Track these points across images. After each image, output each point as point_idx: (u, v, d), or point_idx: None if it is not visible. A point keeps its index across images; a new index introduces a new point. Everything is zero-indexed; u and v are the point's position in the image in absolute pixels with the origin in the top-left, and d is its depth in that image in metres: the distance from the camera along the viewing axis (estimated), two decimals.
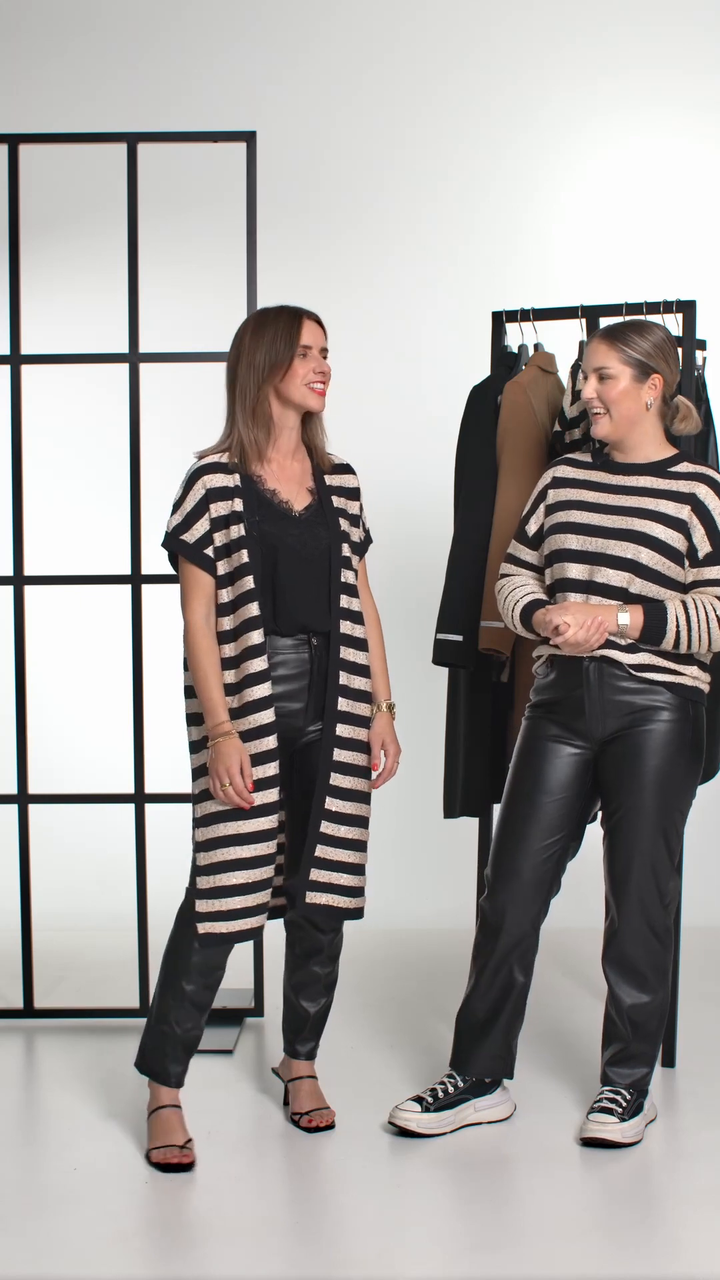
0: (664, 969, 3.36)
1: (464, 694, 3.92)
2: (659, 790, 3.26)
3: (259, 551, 3.14)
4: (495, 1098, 3.42)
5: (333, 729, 3.21)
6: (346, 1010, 4.15)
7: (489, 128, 5.26)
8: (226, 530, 3.15)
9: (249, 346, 3.17)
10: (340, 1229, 2.96)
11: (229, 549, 3.15)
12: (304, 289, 5.08)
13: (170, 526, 3.18)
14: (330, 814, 3.21)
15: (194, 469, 3.19)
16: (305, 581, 3.19)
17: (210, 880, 3.14)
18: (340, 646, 3.22)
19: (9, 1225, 2.95)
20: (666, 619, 3.18)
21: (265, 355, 3.15)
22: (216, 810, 3.15)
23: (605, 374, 3.25)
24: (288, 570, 3.16)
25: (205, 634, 3.14)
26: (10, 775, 4.52)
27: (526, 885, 3.32)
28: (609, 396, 3.25)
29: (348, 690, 3.23)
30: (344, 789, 3.23)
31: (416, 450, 5.09)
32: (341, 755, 3.22)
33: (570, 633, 3.17)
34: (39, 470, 4.83)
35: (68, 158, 4.55)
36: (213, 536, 3.15)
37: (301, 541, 3.19)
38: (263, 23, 5.24)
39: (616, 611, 3.19)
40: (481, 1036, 3.39)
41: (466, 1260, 2.85)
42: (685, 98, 5.23)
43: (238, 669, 3.13)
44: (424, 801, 4.71)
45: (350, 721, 3.24)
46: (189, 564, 3.16)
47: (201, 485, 3.15)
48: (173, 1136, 3.22)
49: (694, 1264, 2.83)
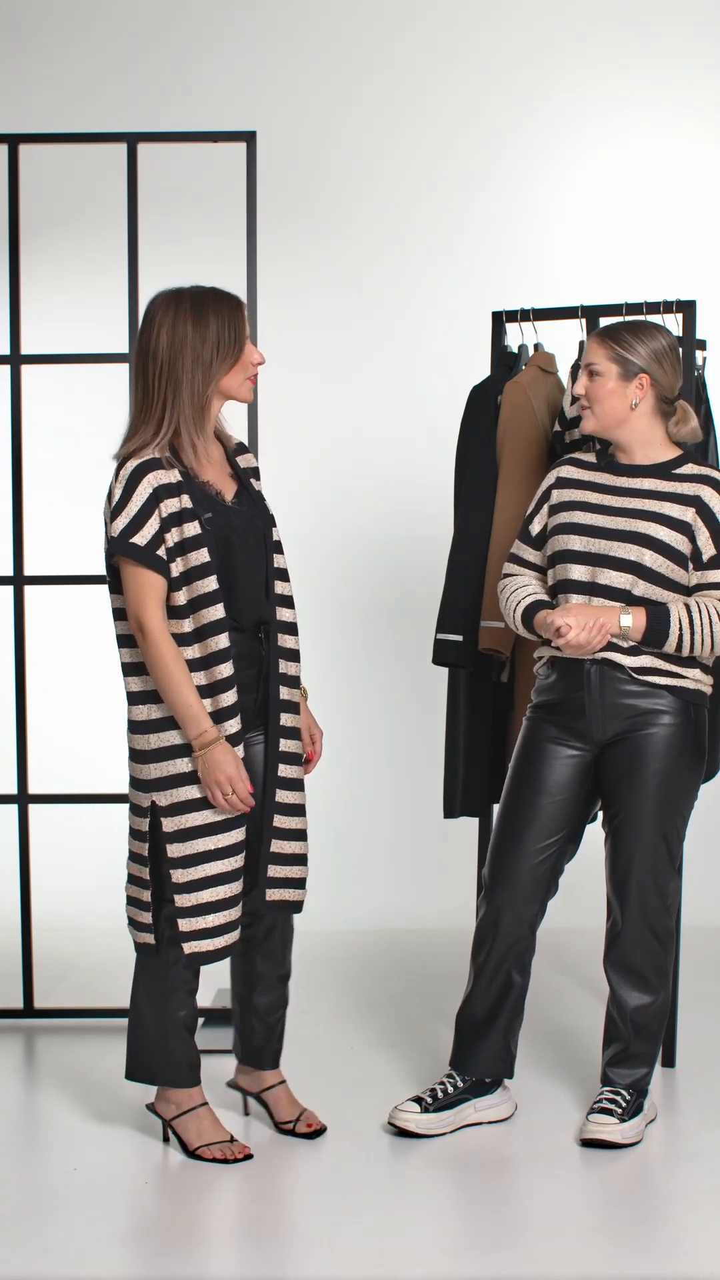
0: (665, 970, 3.36)
1: (464, 694, 3.92)
2: (660, 793, 3.25)
3: (215, 549, 3.01)
4: (496, 1098, 3.42)
5: (277, 719, 3.11)
6: (345, 1010, 4.15)
7: (489, 128, 5.26)
8: (180, 528, 2.99)
9: (193, 338, 2.97)
10: (340, 1229, 2.96)
11: (183, 548, 2.99)
12: (304, 289, 5.11)
13: (116, 530, 2.97)
14: (280, 806, 3.13)
15: (133, 467, 2.98)
16: (249, 572, 3.08)
17: (191, 898, 3.03)
18: (279, 634, 3.13)
19: (9, 1225, 2.95)
20: (669, 622, 3.18)
21: (213, 349, 2.99)
22: (197, 824, 3.03)
23: (594, 370, 3.27)
24: (241, 563, 3.06)
25: (168, 639, 2.97)
26: (10, 775, 4.52)
27: (524, 886, 3.32)
28: (594, 393, 3.27)
29: (285, 678, 3.14)
30: (288, 779, 3.15)
31: (416, 450, 5.09)
32: (286, 745, 3.14)
33: (572, 635, 3.16)
34: (39, 470, 4.83)
35: (68, 158, 4.54)
36: (164, 536, 2.98)
37: (245, 531, 3.08)
38: (263, 23, 5.24)
39: (619, 614, 3.19)
40: (481, 1036, 3.39)
41: (466, 1260, 2.85)
42: (685, 98, 5.23)
43: (206, 672, 3.01)
44: (424, 801, 4.71)
45: (289, 709, 3.15)
46: (140, 567, 2.96)
47: (147, 484, 2.96)
48: (216, 1132, 3.21)
49: (694, 1264, 2.83)
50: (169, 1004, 3.17)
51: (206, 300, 3.04)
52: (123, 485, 2.99)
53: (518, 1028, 3.42)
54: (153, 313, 3.04)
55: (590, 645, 3.18)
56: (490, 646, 3.72)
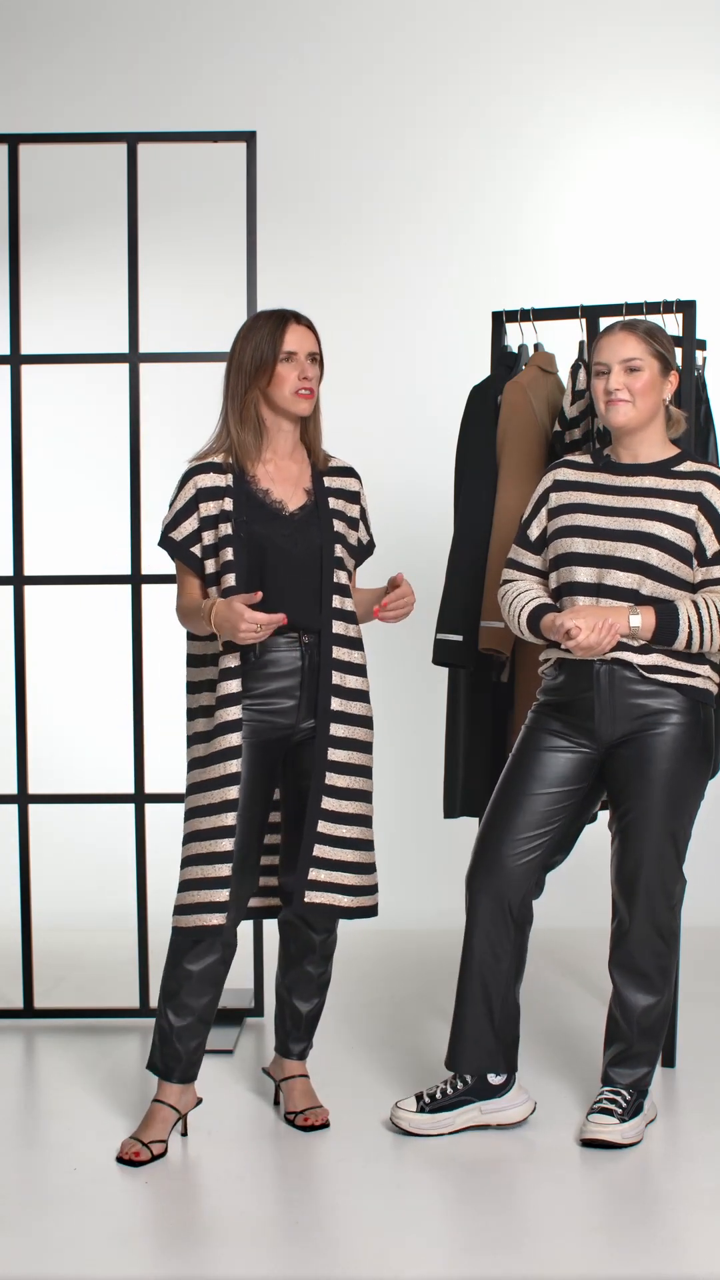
0: (668, 971, 3.35)
1: (464, 694, 3.92)
2: (669, 794, 3.25)
3: (244, 550, 3.15)
4: (505, 1100, 3.37)
5: (326, 729, 3.20)
6: (346, 1010, 4.16)
7: (489, 127, 5.26)
8: (215, 529, 3.18)
9: (239, 349, 3.20)
10: (340, 1229, 2.96)
11: (216, 547, 3.18)
12: (304, 289, 5.09)
13: (163, 524, 3.24)
14: (327, 813, 3.20)
15: (186, 470, 3.23)
16: (296, 581, 3.18)
17: (183, 873, 3.19)
18: (333, 646, 3.21)
19: (9, 1225, 2.95)
20: (679, 620, 3.17)
21: (251, 359, 3.18)
22: (192, 806, 3.19)
23: (634, 365, 3.24)
24: (277, 570, 3.16)
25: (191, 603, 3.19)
26: (10, 775, 4.52)
27: (506, 875, 3.29)
28: (636, 387, 3.24)
29: (341, 690, 3.22)
30: (341, 788, 3.22)
31: (416, 450, 5.09)
32: (336, 755, 3.21)
33: (582, 636, 3.15)
34: (39, 470, 4.83)
35: (68, 158, 4.55)
36: (201, 535, 3.19)
37: (292, 541, 3.19)
38: (263, 23, 5.24)
39: (628, 614, 3.18)
40: (465, 1029, 3.35)
41: (466, 1260, 2.85)
42: (685, 98, 5.24)
43: (217, 664, 3.17)
44: (424, 801, 4.71)
45: (345, 721, 3.23)
46: (178, 561, 3.22)
47: (192, 485, 3.20)
48: (143, 1130, 3.25)
49: (694, 1264, 2.83)
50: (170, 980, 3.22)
51: (263, 315, 3.23)
52: (177, 484, 3.24)
53: (506, 1021, 3.36)
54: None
55: (600, 646, 3.17)
56: (490, 646, 3.72)
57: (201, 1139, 3.32)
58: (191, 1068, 3.26)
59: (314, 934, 3.34)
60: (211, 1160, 3.24)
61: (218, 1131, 3.37)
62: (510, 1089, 3.38)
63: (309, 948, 3.36)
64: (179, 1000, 3.21)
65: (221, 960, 3.22)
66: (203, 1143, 3.31)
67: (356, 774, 3.25)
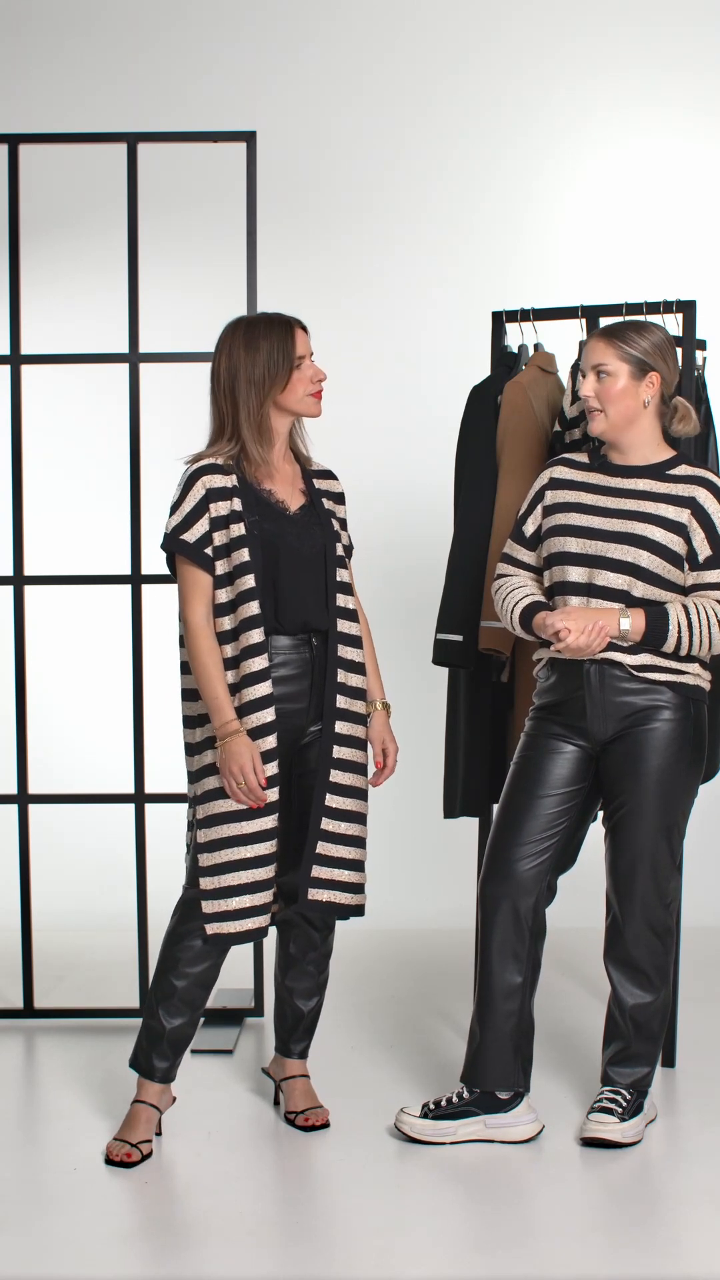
0: (665, 968, 3.35)
1: (464, 694, 3.92)
2: (661, 789, 3.25)
3: (259, 550, 3.16)
4: (512, 1116, 3.33)
5: (332, 726, 3.23)
6: (346, 1010, 4.15)
7: (489, 127, 5.26)
8: (226, 530, 3.17)
9: (245, 361, 3.17)
10: (340, 1229, 2.96)
11: (228, 548, 3.17)
12: (304, 289, 5.10)
13: (169, 527, 3.19)
14: (330, 810, 3.22)
15: (192, 470, 3.20)
16: (304, 580, 3.21)
17: (215, 881, 3.16)
18: (338, 645, 3.24)
19: (9, 1225, 2.95)
20: (669, 623, 3.18)
21: (264, 370, 3.17)
22: (222, 811, 3.16)
23: (603, 371, 3.24)
24: (288, 568, 3.19)
25: (207, 634, 3.15)
26: (10, 775, 4.52)
27: (519, 879, 3.29)
28: (606, 394, 3.25)
29: (345, 688, 3.25)
30: (343, 785, 3.24)
31: (416, 450, 5.09)
32: (340, 752, 3.23)
33: (571, 638, 3.16)
34: (39, 470, 4.83)
35: (68, 158, 4.55)
36: (212, 536, 3.17)
37: (299, 540, 3.22)
38: (263, 23, 5.24)
39: (618, 616, 3.19)
40: (484, 1045, 3.32)
41: (467, 1260, 2.85)
42: (685, 98, 5.24)
43: (238, 668, 3.15)
44: (424, 801, 4.71)
45: (348, 719, 3.25)
46: (188, 564, 3.17)
47: (201, 485, 3.17)
48: (130, 1132, 3.25)
49: (694, 1264, 2.83)
50: (169, 976, 3.21)
51: (259, 326, 3.21)
52: (180, 486, 3.20)
53: (524, 1035, 3.33)
54: (218, 341, 3.25)
55: (590, 648, 3.18)
56: (490, 646, 3.72)
57: (201, 1139, 3.32)
58: (175, 1068, 3.28)
59: (314, 933, 3.35)
60: (211, 1160, 3.24)
61: (218, 1131, 3.37)
62: (518, 1105, 3.34)
63: (310, 946, 3.37)
64: (173, 1003, 3.21)
65: (215, 965, 3.24)
66: (202, 1143, 3.31)
67: (357, 771, 3.27)
